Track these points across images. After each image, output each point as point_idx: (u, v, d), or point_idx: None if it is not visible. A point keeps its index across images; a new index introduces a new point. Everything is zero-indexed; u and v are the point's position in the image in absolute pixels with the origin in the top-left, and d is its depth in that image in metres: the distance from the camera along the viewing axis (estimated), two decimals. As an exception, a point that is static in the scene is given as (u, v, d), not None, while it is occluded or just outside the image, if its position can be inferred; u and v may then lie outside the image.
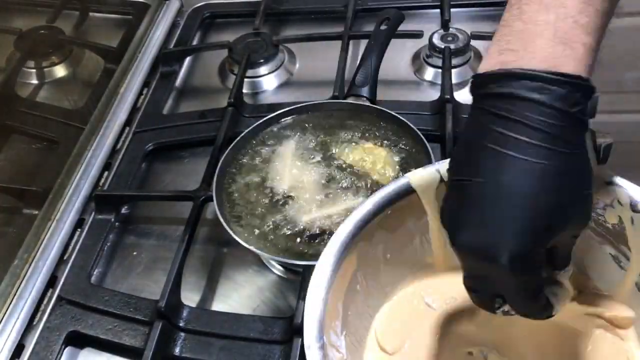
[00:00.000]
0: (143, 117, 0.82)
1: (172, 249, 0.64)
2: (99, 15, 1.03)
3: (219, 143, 0.72)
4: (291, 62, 0.88)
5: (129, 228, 0.71)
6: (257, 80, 0.86)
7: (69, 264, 0.66)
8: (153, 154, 0.78)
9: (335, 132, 0.68)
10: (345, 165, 0.65)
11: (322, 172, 0.64)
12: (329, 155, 0.66)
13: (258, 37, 0.89)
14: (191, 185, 0.70)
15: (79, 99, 0.87)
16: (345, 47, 0.82)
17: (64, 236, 0.68)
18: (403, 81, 0.83)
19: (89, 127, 0.79)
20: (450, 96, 0.73)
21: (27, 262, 0.65)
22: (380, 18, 0.78)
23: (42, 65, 0.93)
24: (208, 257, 0.66)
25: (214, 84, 0.89)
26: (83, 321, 0.60)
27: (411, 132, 0.66)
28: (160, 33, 0.94)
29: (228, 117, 0.76)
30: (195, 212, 0.65)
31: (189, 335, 0.58)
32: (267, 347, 0.56)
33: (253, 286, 0.63)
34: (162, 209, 0.72)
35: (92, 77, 0.91)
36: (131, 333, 0.58)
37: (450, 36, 0.83)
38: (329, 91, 0.76)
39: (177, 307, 0.59)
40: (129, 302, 0.61)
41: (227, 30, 0.96)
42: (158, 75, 0.89)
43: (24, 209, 0.73)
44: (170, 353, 0.57)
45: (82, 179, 0.74)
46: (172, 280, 0.59)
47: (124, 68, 0.88)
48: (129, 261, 0.67)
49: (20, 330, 0.61)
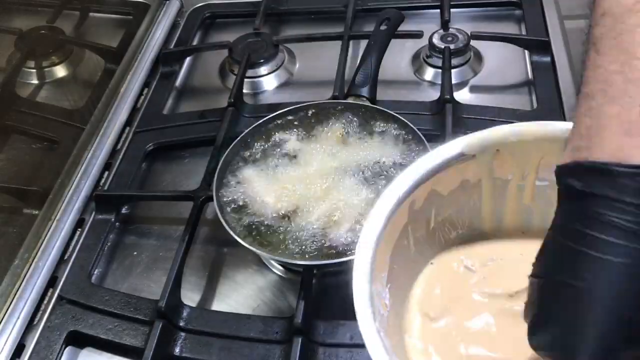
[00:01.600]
0: (143, 117, 0.82)
1: (172, 249, 0.64)
2: (99, 15, 1.03)
3: (219, 143, 0.72)
4: (291, 62, 0.88)
5: (129, 228, 0.71)
6: (257, 80, 0.86)
7: (69, 264, 0.66)
8: (153, 154, 0.78)
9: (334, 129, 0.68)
10: (345, 164, 0.65)
11: (322, 172, 0.64)
12: (329, 153, 0.66)
13: (258, 37, 0.89)
14: (191, 185, 0.70)
15: (79, 99, 0.87)
16: (345, 47, 0.82)
17: (64, 236, 0.68)
18: (403, 81, 0.83)
19: (89, 127, 0.79)
20: (450, 96, 0.73)
21: (28, 262, 0.65)
22: (380, 18, 0.78)
23: (42, 65, 0.93)
24: (208, 257, 0.66)
25: (214, 84, 0.89)
26: (83, 321, 0.60)
27: (411, 132, 0.66)
28: (160, 33, 0.94)
29: (228, 117, 0.76)
30: (195, 212, 0.65)
31: (189, 335, 0.58)
32: (267, 347, 0.56)
33: (253, 286, 0.63)
34: (162, 209, 0.72)
35: (92, 77, 0.91)
36: (131, 333, 0.58)
37: (450, 36, 0.83)
38: (329, 91, 0.76)
39: (177, 307, 0.59)
40: (129, 302, 0.61)
41: (227, 30, 0.96)
42: (158, 75, 0.89)
43: (24, 209, 0.73)
44: (170, 353, 0.57)
45: (83, 179, 0.74)
46: (172, 280, 0.59)
47: (124, 68, 0.88)
48: (129, 261, 0.67)
49: (21, 330, 0.61)
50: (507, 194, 0.50)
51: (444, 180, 0.47)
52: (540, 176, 0.48)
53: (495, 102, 0.76)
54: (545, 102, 0.74)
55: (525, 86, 0.79)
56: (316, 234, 0.59)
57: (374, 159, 0.64)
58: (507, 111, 0.73)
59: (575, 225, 0.35)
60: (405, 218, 0.46)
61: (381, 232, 0.43)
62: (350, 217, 0.59)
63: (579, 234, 0.35)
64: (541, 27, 0.84)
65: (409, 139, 0.66)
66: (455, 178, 0.48)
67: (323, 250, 0.57)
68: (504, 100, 0.77)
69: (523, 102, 0.77)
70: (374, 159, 0.64)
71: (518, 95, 0.78)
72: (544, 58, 0.80)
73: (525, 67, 0.81)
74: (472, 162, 0.47)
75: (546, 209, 0.42)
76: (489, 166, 0.48)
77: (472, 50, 0.83)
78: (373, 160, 0.64)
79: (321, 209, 0.60)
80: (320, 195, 0.62)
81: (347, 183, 0.62)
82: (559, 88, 0.75)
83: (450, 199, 0.49)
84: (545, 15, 0.86)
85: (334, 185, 0.63)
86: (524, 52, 0.83)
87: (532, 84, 0.78)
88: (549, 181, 0.47)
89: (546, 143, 0.46)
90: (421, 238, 0.49)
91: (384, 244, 0.43)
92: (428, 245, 0.50)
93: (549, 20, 0.85)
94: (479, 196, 0.50)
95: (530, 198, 0.49)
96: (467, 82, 0.81)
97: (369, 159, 0.64)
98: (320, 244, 0.58)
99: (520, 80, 0.80)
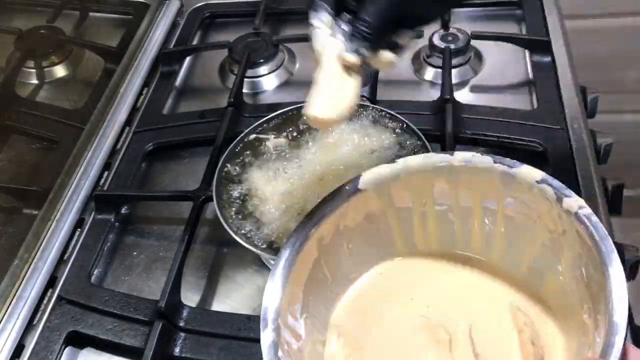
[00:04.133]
0: (143, 117, 0.82)
1: (172, 249, 0.64)
2: (99, 15, 1.03)
3: (219, 143, 0.72)
4: (291, 62, 0.88)
5: (129, 228, 0.71)
6: (257, 80, 0.86)
7: (69, 264, 0.66)
8: (153, 154, 0.78)
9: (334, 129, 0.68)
10: (345, 164, 0.65)
11: (322, 172, 0.64)
12: (329, 153, 0.66)
13: (258, 37, 0.89)
14: (191, 185, 0.70)
15: (79, 99, 0.87)
16: (345, 47, 0.82)
17: (64, 236, 0.68)
18: (403, 81, 0.83)
19: (89, 127, 0.79)
20: (450, 96, 0.73)
21: (27, 262, 0.65)
22: (380, 18, 0.78)
23: (42, 65, 0.93)
24: (208, 257, 0.66)
25: (214, 84, 0.89)
26: (83, 321, 0.60)
27: (411, 132, 0.66)
28: (160, 33, 0.94)
29: (228, 117, 0.76)
30: (195, 212, 0.65)
31: (189, 335, 0.58)
32: (267, 347, 0.56)
33: (253, 286, 0.63)
34: (162, 209, 0.72)
35: (92, 77, 0.91)
36: (131, 333, 0.58)
37: (450, 36, 0.83)
38: (329, 91, 0.76)
39: (177, 307, 0.59)
40: (129, 302, 0.61)
41: (227, 30, 0.96)
42: (158, 75, 0.89)
43: (24, 209, 0.73)
44: (170, 353, 0.57)
45: (82, 179, 0.74)
46: (172, 280, 0.59)
47: (124, 68, 0.88)
48: (129, 261, 0.67)
49: (21, 330, 0.61)
50: (414, 220, 0.52)
51: (349, 214, 0.50)
52: (438, 201, 0.51)
53: (496, 102, 0.76)
54: (545, 102, 0.74)
55: (526, 86, 0.79)
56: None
57: (374, 159, 0.64)
58: (507, 111, 0.73)
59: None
60: (316, 253, 0.48)
61: (288, 269, 0.45)
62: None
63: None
64: (541, 27, 0.84)
65: (409, 139, 0.66)
66: (359, 211, 0.50)
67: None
68: (504, 100, 0.77)
69: (523, 102, 0.77)
70: (374, 159, 0.64)
71: (518, 95, 0.78)
72: (544, 58, 0.80)
73: (526, 67, 0.81)
74: (370, 195, 0.50)
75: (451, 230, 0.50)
76: (388, 198, 0.50)
77: (472, 50, 0.83)
78: (373, 160, 0.64)
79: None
80: (321, 195, 0.61)
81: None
82: (559, 88, 0.75)
83: (359, 231, 0.51)
84: (545, 15, 0.86)
85: (334, 185, 0.62)
86: (524, 52, 0.83)
87: (533, 84, 0.78)
88: (446, 205, 0.50)
89: (431, 173, 0.49)
90: (336, 268, 0.50)
91: (294, 278, 0.45)
92: (346, 272, 0.51)
93: (549, 20, 0.85)
94: (387, 225, 0.52)
95: (435, 222, 0.52)
96: (468, 82, 0.81)
97: (369, 159, 0.64)
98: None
99: (520, 80, 0.80)
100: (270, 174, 0.64)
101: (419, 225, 0.52)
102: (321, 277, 0.49)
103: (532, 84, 0.78)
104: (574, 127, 0.70)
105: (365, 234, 0.51)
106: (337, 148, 0.66)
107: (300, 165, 0.65)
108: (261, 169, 0.65)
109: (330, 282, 0.50)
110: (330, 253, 0.49)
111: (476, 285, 0.51)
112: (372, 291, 0.52)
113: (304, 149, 0.67)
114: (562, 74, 0.77)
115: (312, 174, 0.64)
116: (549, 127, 0.71)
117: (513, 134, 0.70)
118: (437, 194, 0.50)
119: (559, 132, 0.70)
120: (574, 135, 0.69)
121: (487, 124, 0.72)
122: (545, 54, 0.80)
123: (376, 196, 0.50)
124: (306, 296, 0.47)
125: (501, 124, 0.72)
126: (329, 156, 0.65)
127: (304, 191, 0.62)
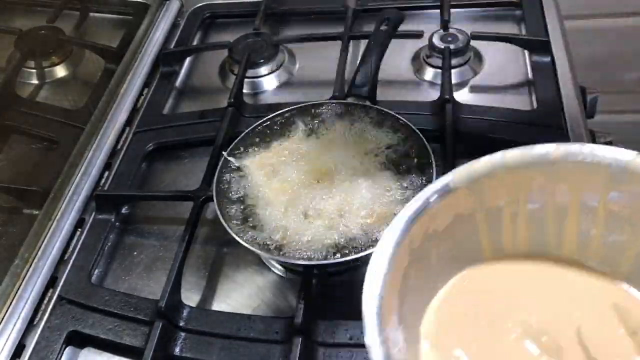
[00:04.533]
0: (143, 117, 0.82)
1: (172, 249, 0.64)
2: (99, 15, 1.03)
3: (219, 143, 0.72)
4: (291, 62, 0.88)
5: (129, 228, 0.71)
6: (257, 80, 0.86)
7: (69, 264, 0.66)
8: (153, 154, 0.78)
9: (334, 129, 0.68)
10: (345, 164, 0.65)
11: (322, 172, 0.64)
12: (329, 153, 0.66)
13: (258, 37, 0.89)
14: (191, 185, 0.70)
15: (79, 99, 0.87)
16: (345, 48, 0.82)
17: (64, 236, 0.68)
18: (403, 81, 0.83)
19: (89, 127, 0.79)
20: (450, 96, 0.73)
21: (28, 262, 0.65)
22: (380, 18, 0.78)
23: (42, 65, 0.93)
24: (208, 257, 0.66)
25: (214, 84, 0.89)
26: (83, 321, 0.60)
27: (411, 132, 0.66)
28: (160, 33, 0.94)
29: (228, 117, 0.76)
30: (195, 212, 0.65)
31: (189, 335, 0.58)
32: (267, 347, 0.56)
33: (253, 286, 0.63)
34: (162, 209, 0.72)
35: (92, 77, 0.91)
36: (131, 333, 0.59)
37: (450, 36, 0.83)
38: (329, 91, 0.76)
39: (177, 307, 0.59)
40: (129, 302, 0.61)
41: (227, 30, 0.96)
42: (158, 76, 0.89)
43: (24, 209, 0.73)
44: (170, 353, 0.57)
45: (83, 179, 0.74)
46: (172, 280, 0.59)
47: (124, 68, 0.88)
48: (129, 261, 0.67)
49: (21, 330, 0.61)
50: (504, 221, 0.49)
51: (438, 216, 0.47)
52: (531, 199, 0.48)
53: (495, 102, 0.76)
54: (545, 102, 0.74)
55: (525, 86, 0.79)
56: (316, 234, 0.58)
57: (374, 159, 0.64)
58: (507, 111, 0.73)
59: None
60: (407, 259, 0.45)
61: (384, 280, 0.42)
62: (350, 217, 0.59)
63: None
64: (541, 27, 0.84)
65: (409, 139, 0.66)
66: (448, 212, 0.47)
67: (323, 250, 0.57)
68: (504, 100, 0.77)
69: (523, 102, 0.77)
70: (374, 159, 0.64)
71: (518, 95, 0.78)
72: (544, 58, 0.80)
73: (525, 67, 0.81)
74: (461, 195, 0.47)
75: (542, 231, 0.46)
76: (480, 197, 0.47)
77: (472, 51, 0.83)
78: (373, 160, 0.64)
79: (321, 209, 0.60)
80: (321, 195, 0.62)
81: (348, 183, 0.62)
82: (559, 88, 0.75)
83: (447, 234, 0.48)
84: (545, 15, 0.86)
85: (334, 185, 0.63)
86: (524, 52, 0.83)
87: (532, 84, 0.78)
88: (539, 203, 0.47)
89: (530, 168, 0.46)
90: (425, 274, 0.48)
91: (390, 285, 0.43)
92: (434, 280, 0.49)
93: (549, 20, 0.85)
94: (474, 227, 0.49)
95: (525, 222, 0.49)
96: (467, 82, 0.81)
97: (369, 159, 0.64)
98: (320, 244, 0.58)
99: (520, 80, 0.80)
100: (270, 174, 0.65)
101: (508, 226, 0.49)
102: (411, 284, 0.46)
103: (532, 84, 0.78)
104: (573, 127, 0.70)
105: (453, 237, 0.48)
106: (336, 148, 0.66)
107: (301, 165, 0.65)
108: (262, 168, 0.65)
109: (418, 289, 0.47)
110: (420, 259, 0.46)
111: (573, 287, 0.47)
112: (461, 299, 0.49)
113: (304, 149, 0.67)
114: (561, 74, 0.77)
115: (312, 175, 0.64)
116: (548, 127, 0.71)
117: (513, 134, 0.70)
118: (534, 191, 0.47)
119: (558, 132, 0.70)
120: (574, 135, 0.69)
121: (487, 124, 0.72)
122: (545, 54, 0.80)
123: (468, 195, 0.46)
124: (401, 305, 0.44)
125: (501, 124, 0.72)
126: (329, 156, 0.65)
127: (304, 191, 0.62)
